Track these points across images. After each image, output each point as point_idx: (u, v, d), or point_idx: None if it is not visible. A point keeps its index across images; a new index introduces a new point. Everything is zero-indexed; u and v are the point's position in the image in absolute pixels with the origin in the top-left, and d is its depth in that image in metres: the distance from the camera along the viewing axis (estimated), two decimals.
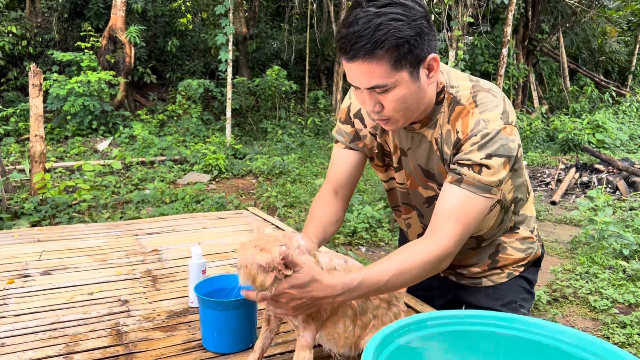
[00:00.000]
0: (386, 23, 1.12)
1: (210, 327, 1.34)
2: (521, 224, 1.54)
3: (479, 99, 1.27)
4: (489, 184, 1.23)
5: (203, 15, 15.31)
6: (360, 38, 1.12)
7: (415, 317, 0.99)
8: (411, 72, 1.18)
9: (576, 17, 14.62)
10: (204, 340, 1.37)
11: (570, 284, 4.28)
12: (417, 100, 1.24)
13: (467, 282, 1.61)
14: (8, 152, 8.73)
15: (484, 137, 1.22)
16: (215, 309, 1.31)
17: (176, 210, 5.92)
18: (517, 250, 1.55)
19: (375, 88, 1.18)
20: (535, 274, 1.64)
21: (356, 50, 1.14)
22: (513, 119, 1.26)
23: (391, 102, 1.21)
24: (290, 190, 7.22)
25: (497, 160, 1.22)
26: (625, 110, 13.91)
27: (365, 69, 1.16)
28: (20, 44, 11.01)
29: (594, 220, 5.23)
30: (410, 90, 1.20)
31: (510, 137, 1.23)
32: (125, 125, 10.25)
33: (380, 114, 1.24)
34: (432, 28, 1.19)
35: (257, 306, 1.38)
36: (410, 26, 1.13)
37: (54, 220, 5.44)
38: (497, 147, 1.22)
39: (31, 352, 1.35)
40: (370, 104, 1.23)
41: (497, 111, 1.24)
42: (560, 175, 8.72)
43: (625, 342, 3.34)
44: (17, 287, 1.80)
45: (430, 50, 1.19)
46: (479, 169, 1.22)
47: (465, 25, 10.77)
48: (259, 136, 11.38)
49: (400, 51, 1.14)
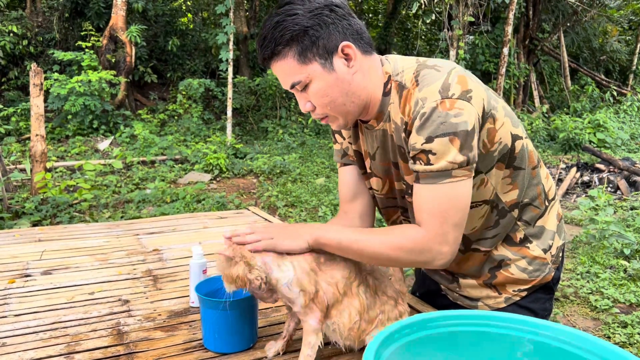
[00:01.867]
0: (282, 20, 1.16)
1: (211, 327, 1.33)
2: (535, 239, 1.37)
3: (421, 77, 1.19)
4: (444, 169, 1.13)
5: (204, 15, 15.30)
6: (264, 40, 1.18)
7: (418, 317, 0.99)
8: (323, 64, 1.18)
9: (577, 16, 14.61)
10: (205, 340, 1.37)
11: (571, 283, 4.27)
12: (344, 92, 1.21)
13: (463, 303, 1.47)
14: (9, 152, 8.73)
15: (421, 118, 1.14)
16: (215, 309, 1.30)
17: (177, 210, 5.92)
18: (520, 270, 1.37)
19: (294, 86, 1.21)
20: (545, 303, 1.41)
21: (263, 53, 1.19)
22: (456, 91, 1.13)
23: (314, 97, 1.21)
24: (291, 189, 7.21)
25: (440, 140, 1.12)
26: (626, 109, 13.89)
27: (278, 69, 1.20)
28: (21, 44, 11.01)
29: (595, 220, 5.22)
30: (327, 82, 1.19)
31: (452, 112, 1.11)
32: (126, 124, 10.25)
33: (315, 113, 1.26)
34: (342, 18, 1.19)
35: (257, 306, 1.38)
36: (307, 17, 1.16)
37: (54, 219, 5.44)
38: (436, 126, 1.12)
39: (32, 351, 1.35)
40: (302, 104, 1.25)
41: (435, 86, 1.14)
42: (561, 174, 8.72)
43: (626, 342, 3.34)
44: (18, 287, 1.80)
45: (342, 38, 1.18)
46: (426, 157, 1.14)
47: (466, 24, 10.77)
48: (260, 135, 11.38)
49: (302, 43, 1.16)
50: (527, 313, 1.36)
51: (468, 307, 1.45)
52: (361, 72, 1.22)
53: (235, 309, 1.31)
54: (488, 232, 1.35)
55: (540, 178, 1.36)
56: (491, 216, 1.33)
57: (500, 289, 1.40)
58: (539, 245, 1.37)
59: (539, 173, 1.35)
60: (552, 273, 1.39)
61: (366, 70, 1.23)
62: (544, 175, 1.39)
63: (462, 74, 1.17)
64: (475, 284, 1.42)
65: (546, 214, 1.39)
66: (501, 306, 1.40)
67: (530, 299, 1.39)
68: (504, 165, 1.27)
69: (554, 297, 1.45)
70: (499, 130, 1.22)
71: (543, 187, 1.37)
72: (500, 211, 1.32)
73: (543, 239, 1.37)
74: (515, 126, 1.27)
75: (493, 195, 1.30)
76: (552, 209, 1.41)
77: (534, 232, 1.37)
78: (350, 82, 1.21)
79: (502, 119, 1.22)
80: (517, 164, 1.28)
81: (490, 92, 1.25)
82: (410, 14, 15.81)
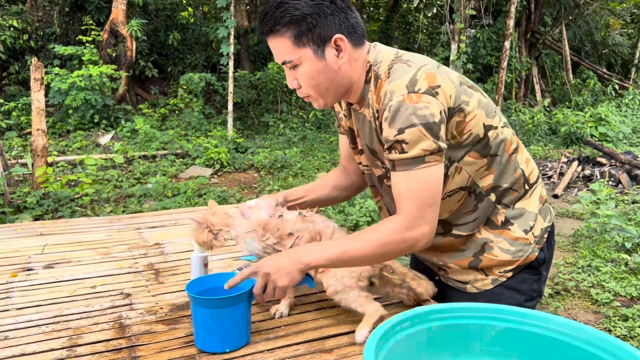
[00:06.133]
0: (285, 2, 1.25)
1: (203, 326, 1.30)
2: (516, 220, 1.42)
3: (393, 70, 1.27)
4: (418, 156, 1.22)
5: (204, 9, 15.26)
6: (266, 16, 1.27)
7: (419, 309, 0.99)
8: (315, 50, 1.27)
9: (579, 9, 14.54)
10: (196, 339, 1.33)
11: (572, 277, 4.28)
12: (330, 79, 1.31)
13: (453, 284, 1.53)
14: (10, 147, 8.74)
15: (390, 110, 1.23)
16: (207, 307, 1.27)
17: (178, 204, 5.93)
18: (504, 251, 1.42)
19: (285, 63, 1.31)
20: (532, 284, 1.46)
21: (262, 28, 1.28)
22: (422, 86, 1.21)
23: (302, 77, 1.32)
24: (292, 183, 7.22)
25: (410, 131, 1.20)
26: (628, 103, 13.84)
27: (274, 45, 1.30)
28: (22, 38, 10.99)
29: (596, 214, 5.22)
30: (317, 68, 1.29)
31: (419, 105, 1.20)
32: (127, 119, 10.25)
33: (300, 91, 1.36)
34: (340, 10, 1.27)
35: (250, 303, 1.36)
36: (309, 5, 1.25)
37: (56, 214, 5.45)
38: (405, 118, 1.20)
39: (34, 345, 1.35)
40: (290, 80, 1.35)
41: (403, 80, 1.22)
42: (562, 168, 8.71)
43: (627, 335, 3.35)
44: (20, 281, 1.81)
45: (336, 30, 1.27)
46: (400, 147, 1.23)
47: (467, 18, 10.73)
48: (261, 130, 11.37)
49: (299, 28, 1.25)
50: (514, 294, 1.44)
51: (459, 289, 1.52)
52: (348, 63, 1.31)
53: (228, 307, 1.28)
54: (468, 216, 1.42)
55: (518, 164, 1.42)
56: (469, 201, 1.40)
57: (487, 271, 1.46)
58: (519, 227, 1.42)
59: (516, 159, 1.41)
60: (535, 253, 1.43)
61: (354, 61, 1.32)
62: (524, 160, 1.44)
63: (432, 71, 1.25)
64: (462, 268, 1.48)
65: (526, 197, 1.44)
66: (488, 287, 1.46)
67: (516, 280, 1.44)
68: (478, 153, 1.34)
69: (543, 279, 1.49)
70: (470, 122, 1.29)
71: (523, 171, 1.42)
72: (477, 196, 1.40)
73: (524, 220, 1.43)
74: (490, 117, 1.34)
75: (469, 182, 1.38)
76: (533, 192, 1.46)
77: (514, 214, 1.42)
78: (337, 71, 1.31)
79: (475, 111, 1.30)
80: (492, 152, 1.35)
81: (466, 87, 1.31)
82: (412, 7, 15.74)
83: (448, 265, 1.50)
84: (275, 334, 1.40)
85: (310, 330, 1.42)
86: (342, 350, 1.32)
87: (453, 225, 1.44)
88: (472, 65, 11.73)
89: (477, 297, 1.47)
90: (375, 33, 16.95)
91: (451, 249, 1.48)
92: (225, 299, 1.28)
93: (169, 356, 1.29)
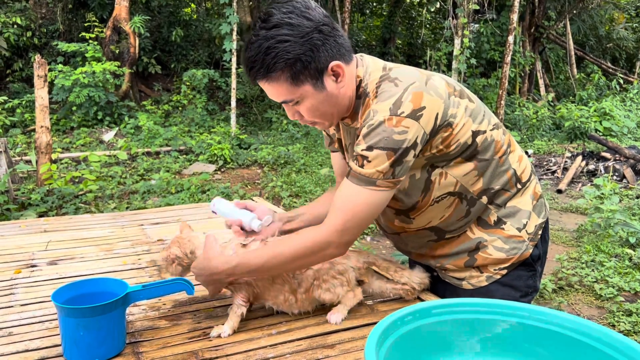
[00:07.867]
0: (274, 46, 1.19)
1: (71, 336, 1.23)
2: (509, 218, 1.42)
3: (380, 89, 1.27)
4: (370, 176, 1.23)
5: (207, 5, 15.24)
6: (254, 63, 1.22)
7: (420, 305, 0.99)
8: (314, 84, 1.25)
9: (583, 3, 14.45)
10: (65, 351, 1.25)
11: (576, 272, 4.27)
12: (332, 105, 1.30)
13: (450, 281, 1.54)
14: (14, 144, 8.76)
15: (369, 128, 1.23)
16: (76, 317, 1.20)
17: (182, 201, 5.94)
18: (498, 250, 1.42)
19: (286, 102, 1.29)
20: (527, 280, 1.47)
21: (254, 75, 1.24)
22: (407, 109, 1.20)
23: (305, 112, 1.30)
24: (295, 180, 7.22)
25: (377, 152, 1.21)
26: (633, 97, 13.77)
27: (268, 88, 1.27)
28: (25, 35, 11.01)
29: (600, 209, 5.21)
30: (318, 100, 1.28)
31: (396, 129, 1.20)
32: (130, 115, 10.26)
33: (303, 120, 1.34)
34: (329, 36, 1.23)
35: (125, 311, 1.32)
36: (299, 44, 1.19)
37: (60, 210, 5.47)
38: (379, 139, 1.21)
39: (38, 341, 1.36)
40: (290, 114, 1.34)
41: (389, 102, 1.22)
42: (566, 163, 8.68)
43: (630, 330, 3.34)
44: (24, 277, 1.81)
45: (330, 58, 1.24)
46: (362, 161, 1.24)
47: (471, 12, 10.67)
48: (264, 126, 11.37)
49: (294, 69, 1.21)
50: (509, 290, 1.44)
51: (455, 285, 1.52)
52: (346, 83, 1.30)
53: (100, 314, 1.22)
54: (461, 222, 1.43)
55: (509, 164, 1.41)
56: (461, 207, 1.40)
57: (482, 269, 1.46)
58: (513, 225, 1.42)
59: (507, 159, 1.40)
60: (529, 250, 1.44)
61: (349, 79, 1.31)
62: (515, 159, 1.43)
63: (419, 90, 1.23)
64: (457, 267, 1.49)
65: (519, 195, 1.43)
66: (483, 284, 1.47)
67: (511, 277, 1.45)
68: (465, 159, 1.34)
69: (538, 275, 1.50)
70: (457, 134, 1.29)
71: (514, 171, 1.42)
72: (469, 201, 1.39)
73: (517, 218, 1.42)
74: (478, 122, 1.33)
75: (458, 187, 1.37)
76: (526, 190, 1.45)
77: (506, 213, 1.42)
78: (338, 95, 1.30)
79: (463, 120, 1.29)
80: (480, 156, 1.35)
81: (453, 96, 1.30)
82: (415, 2, 15.70)
83: (445, 266, 1.52)
84: (278, 330, 1.40)
85: (313, 326, 1.42)
86: (344, 346, 1.32)
87: (446, 231, 1.46)
88: (476, 60, 11.69)
89: (472, 293, 1.48)
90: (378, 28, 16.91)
91: (445, 251, 1.49)
92: (94, 307, 1.21)
93: (172, 352, 1.30)
